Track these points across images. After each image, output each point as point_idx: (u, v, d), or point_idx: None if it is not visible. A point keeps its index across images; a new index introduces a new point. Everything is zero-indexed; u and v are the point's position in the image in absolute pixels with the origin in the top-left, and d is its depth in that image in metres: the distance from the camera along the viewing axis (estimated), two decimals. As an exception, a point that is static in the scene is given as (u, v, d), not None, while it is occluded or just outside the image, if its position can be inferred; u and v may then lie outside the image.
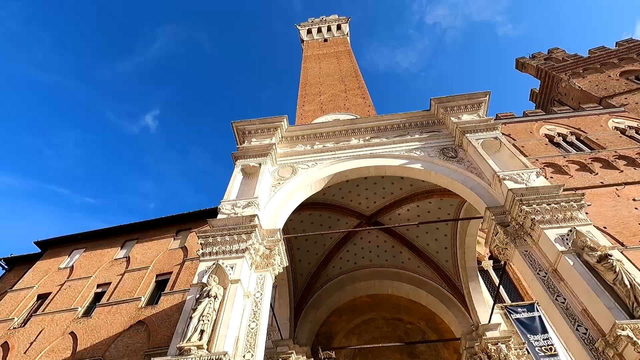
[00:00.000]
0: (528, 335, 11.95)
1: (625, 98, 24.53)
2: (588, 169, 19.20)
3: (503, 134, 23.70)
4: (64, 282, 18.79)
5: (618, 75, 27.18)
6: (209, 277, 7.40)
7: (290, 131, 13.21)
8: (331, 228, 13.61)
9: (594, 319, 6.26)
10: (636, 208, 16.72)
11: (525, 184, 8.86)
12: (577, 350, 6.23)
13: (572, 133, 22.66)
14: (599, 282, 6.45)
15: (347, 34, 49.35)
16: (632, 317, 5.86)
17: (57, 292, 18.28)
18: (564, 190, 9.08)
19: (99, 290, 18.12)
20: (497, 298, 11.25)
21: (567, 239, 7.30)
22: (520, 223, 8.15)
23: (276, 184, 11.18)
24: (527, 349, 11.45)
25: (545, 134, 22.93)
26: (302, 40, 49.38)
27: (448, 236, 13.42)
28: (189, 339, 6.15)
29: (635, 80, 26.24)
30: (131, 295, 16.93)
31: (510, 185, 8.86)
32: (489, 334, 11.59)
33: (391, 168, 11.34)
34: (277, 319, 12.90)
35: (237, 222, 8.84)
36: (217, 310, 6.76)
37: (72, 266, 19.96)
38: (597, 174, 18.95)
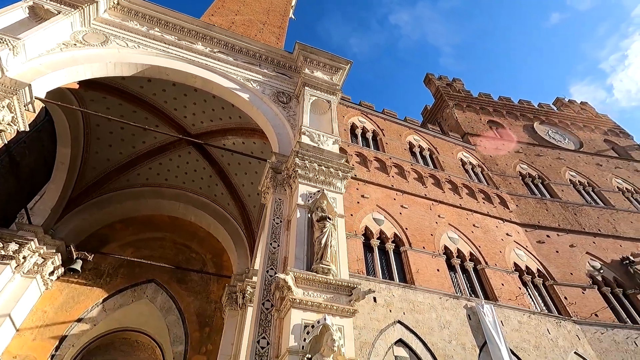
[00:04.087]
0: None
1: (480, 140, 28.52)
2: (422, 181, 21.73)
3: (378, 126, 25.27)
4: None
5: (486, 121, 31.47)
6: None
7: (131, 1, 10.98)
8: (146, 131, 12.13)
9: (287, 267, 6.58)
10: (436, 222, 19.63)
11: (318, 145, 8.96)
12: (258, 288, 6.49)
13: (429, 149, 25.36)
14: (307, 237, 6.79)
15: (300, -28, 45.57)
16: (309, 269, 6.28)
17: None
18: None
19: None
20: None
21: (311, 197, 7.55)
22: (289, 174, 8.19)
23: (71, 44, 9.10)
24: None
25: (410, 142, 25.21)
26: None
27: (264, 183, 13.38)
28: None
29: (495, 131, 30.73)
30: None
31: (305, 140, 8.85)
32: (254, 278, 12.07)
33: (219, 87, 10.40)
34: (37, 203, 11.10)
35: (-39, 49, 6.75)
36: None
37: None
38: (427, 187, 21.59)
